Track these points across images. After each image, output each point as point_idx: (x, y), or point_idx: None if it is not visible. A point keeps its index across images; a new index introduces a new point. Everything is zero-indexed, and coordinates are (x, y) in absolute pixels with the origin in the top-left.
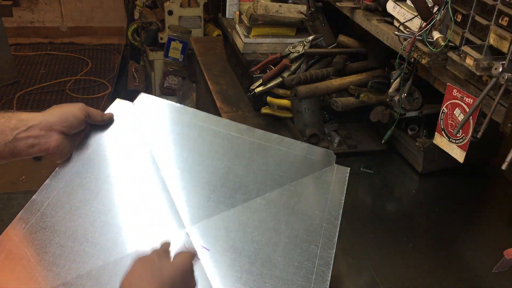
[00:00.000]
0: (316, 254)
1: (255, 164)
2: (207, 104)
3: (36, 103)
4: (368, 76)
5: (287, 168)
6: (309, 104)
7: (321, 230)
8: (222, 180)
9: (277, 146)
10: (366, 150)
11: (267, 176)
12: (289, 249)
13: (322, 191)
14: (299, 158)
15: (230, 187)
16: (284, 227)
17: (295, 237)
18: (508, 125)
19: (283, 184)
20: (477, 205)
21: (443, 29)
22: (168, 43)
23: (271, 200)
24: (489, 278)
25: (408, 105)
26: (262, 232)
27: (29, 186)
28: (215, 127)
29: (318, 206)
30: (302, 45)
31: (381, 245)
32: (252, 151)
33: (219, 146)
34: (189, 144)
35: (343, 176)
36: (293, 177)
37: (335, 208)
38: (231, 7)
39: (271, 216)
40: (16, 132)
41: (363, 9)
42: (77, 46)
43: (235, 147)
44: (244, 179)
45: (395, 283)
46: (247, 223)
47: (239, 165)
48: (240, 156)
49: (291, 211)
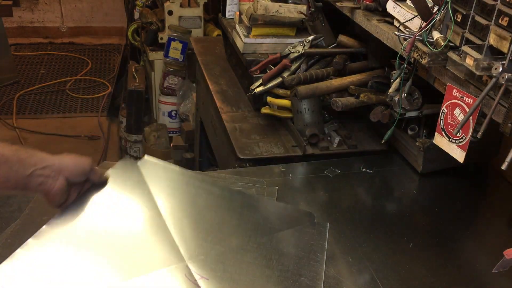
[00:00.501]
0: (307, 285)
1: (245, 217)
2: (207, 104)
3: (36, 103)
4: (368, 76)
5: (273, 221)
6: (309, 104)
7: (309, 266)
8: (217, 227)
9: (264, 205)
10: (366, 150)
11: (257, 226)
12: (282, 281)
13: (306, 238)
14: (283, 214)
15: (224, 233)
16: (275, 264)
17: (286, 271)
18: (508, 125)
19: (271, 233)
20: (477, 205)
21: (443, 29)
22: (168, 43)
23: (262, 243)
24: (489, 278)
25: (408, 105)
26: (256, 267)
27: None
28: (210, 187)
29: (303, 249)
30: (302, 45)
31: (381, 245)
32: (243, 208)
33: (213, 202)
34: (187, 200)
35: (324, 230)
36: (280, 228)
37: (318, 251)
38: (231, 7)
39: (263, 255)
40: (33, 168)
41: (363, 9)
42: (77, 46)
43: (227, 204)
44: (237, 228)
45: (395, 283)
46: (242, 260)
47: (231, 217)
48: (231, 210)
49: (281, 252)
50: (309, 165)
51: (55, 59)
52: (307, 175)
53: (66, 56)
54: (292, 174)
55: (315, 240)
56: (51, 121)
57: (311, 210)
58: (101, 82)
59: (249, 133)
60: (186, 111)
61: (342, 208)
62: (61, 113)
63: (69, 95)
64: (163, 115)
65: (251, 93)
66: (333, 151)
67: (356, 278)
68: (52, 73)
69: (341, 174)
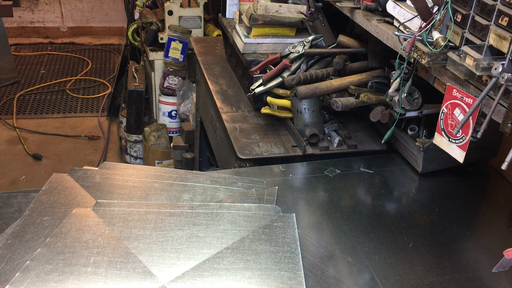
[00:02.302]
0: (288, 277)
1: (212, 227)
2: (207, 104)
3: (36, 103)
4: (368, 76)
5: (241, 224)
6: (309, 104)
7: (286, 259)
8: (186, 243)
9: (228, 211)
10: (366, 150)
11: (225, 233)
12: (263, 278)
13: (276, 232)
14: (249, 215)
15: (195, 246)
16: (253, 264)
17: (265, 269)
18: (508, 125)
19: (241, 236)
20: (477, 205)
21: (443, 29)
22: (168, 43)
23: (235, 247)
24: (489, 278)
25: (408, 105)
26: (235, 272)
27: (29, 186)
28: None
29: (276, 244)
30: (302, 45)
31: (381, 245)
32: (208, 219)
33: (176, 221)
34: (150, 225)
35: (291, 220)
36: (248, 230)
37: (291, 242)
38: (231, 7)
39: (239, 259)
40: None
41: (363, 9)
42: (77, 46)
43: (191, 220)
44: (206, 239)
45: (395, 283)
46: (219, 269)
47: (198, 231)
48: (197, 224)
49: (255, 252)
50: (309, 165)
51: (55, 59)
52: (307, 175)
53: (66, 56)
54: (292, 174)
55: (285, 232)
56: (51, 121)
57: (311, 210)
58: (101, 82)
59: (249, 133)
60: (186, 111)
61: (342, 208)
62: (61, 113)
63: (69, 95)
64: (163, 115)
65: (251, 93)
66: (333, 151)
67: (356, 278)
68: (52, 73)
69: (341, 174)
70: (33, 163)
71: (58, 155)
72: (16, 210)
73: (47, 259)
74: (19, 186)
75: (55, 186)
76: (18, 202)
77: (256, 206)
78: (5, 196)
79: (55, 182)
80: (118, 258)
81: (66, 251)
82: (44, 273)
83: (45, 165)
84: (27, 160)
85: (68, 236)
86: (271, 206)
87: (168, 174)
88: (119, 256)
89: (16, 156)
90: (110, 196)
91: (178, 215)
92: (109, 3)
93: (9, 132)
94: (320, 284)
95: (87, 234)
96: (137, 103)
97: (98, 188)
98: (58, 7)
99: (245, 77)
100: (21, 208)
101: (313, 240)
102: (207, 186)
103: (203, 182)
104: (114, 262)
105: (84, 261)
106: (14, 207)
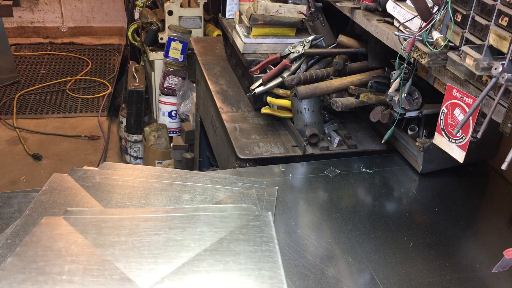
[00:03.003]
0: (269, 276)
1: (189, 230)
2: (207, 104)
3: (36, 103)
4: (368, 76)
5: (217, 225)
6: (309, 104)
7: (265, 258)
8: (163, 248)
9: (204, 213)
10: (366, 150)
11: (202, 235)
12: (244, 278)
13: (254, 232)
14: (225, 216)
15: (173, 250)
16: (233, 265)
17: (245, 269)
18: (508, 125)
19: (219, 237)
20: (477, 205)
21: (443, 29)
22: (168, 43)
23: (213, 249)
24: (489, 278)
25: (408, 105)
26: (215, 274)
27: (29, 186)
28: (145, 215)
29: (254, 243)
30: (302, 45)
31: (381, 245)
32: (184, 222)
33: (152, 226)
34: (125, 231)
35: (267, 219)
36: (225, 231)
37: (269, 241)
38: (231, 7)
39: (218, 261)
40: None
41: (363, 9)
42: (77, 46)
43: (166, 224)
44: (183, 241)
45: (395, 283)
46: (199, 271)
47: (175, 234)
48: (173, 228)
49: (234, 253)
50: (309, 165)
51: (55, 59)
52: (307, 175)
53: (66, 56)
54: (292, 174)
55: (262, 231)
56: (51, 121)
57: (311, 210)
58: (101, 82)
59: (249, 133)
60: (186, 111)
61: (342, 208)
62: (61, 113)
63: (69, 95)
64: (163, 115)
65: (251, 93)
66: (333, 151)
67: (356, 278)
68: (52, 73)
69: (341, 174)
70: (33, 163)
71: (58, 155)
72: (16, 210)
73: (19, 268)
74: (19, 186)
75: (55, 186)
76: (18, 202)
77: (232, 206)
78: (5, 196)
79: (55, 182)
80: (93, 265)
81: (38, 260)
82: (17, 282)
83: (45, 165)
84: (27, 160)
85: (39, 245)
86: (246, 205)
87: (168, 174)
88: (95, 264)
89: (16, 156)
90: (110, 196)
91: (153, 220)
92: (109, 3)
93: (9, 132)
94: (320, 284)
95: (59, 243)
96: (137, 103)
97: (98, 188)
98: (58, 7)
99: (245, 77)
100: (21, 208)
101: (313, 240)
102: (207, 186)
103: (203, 182)
104: (90, 269)
105: (58, 269)
106: (14, 207)
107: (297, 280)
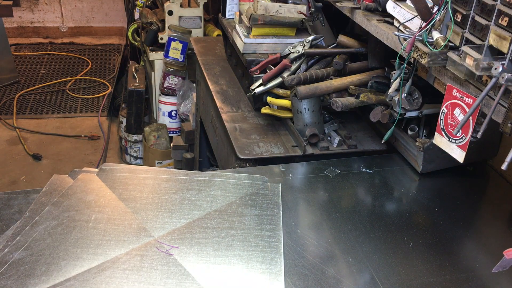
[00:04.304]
0: (268, 235)
1: (204, 192)
2: (207, 104)
3: (36, 103)
4: (368, 76)
5: (230, 191)
6: (309, 104)
7: (268, 221)
8: (179, 205)
9: (219, 179)
10: (366, 150)
11: (215, 198)
12: (246, 236)
13: (262, 199)
14: (238, 183)
15: (186, 208)
16: (237, 224)
17: (248, 228)
18: (508, 125)
19: (229, 201)
20: (477, 205)
21: (443, 29)
22: (168, 43)
23: (222, 210)
24: (489, 278)
25: (408, 105)
26: (220, 230)
27: (29, 186)
28: (167, 176)
29: (261, 209)
30: (302, 45)
31: (381, 245)
32: (200, 185)
33: (171, 186)
34: (147, 189)
35: (277, 189)
36: (236, 196)
37: (275, 207)
38: (231, 7)
39: (225, 220)
40: None
41: (363, 9)
42: (77, 46)
43: (185, 185)
44: (197, 201)
45: (395, 283)
46: (206, 227)
47: (190, 195)
48: (190, 189)
49: (241, 215)
50: (309, 165)
51: (55, 59)
52: (307, 175)
53: (66, 56)
54: (292, 174)
55: (270, 199)
56: (51, 121)
57: (311, 210)
58: (101, 82)
59: (249, 133)
60: (186, 111)
61: (342, 208)
62: (61, 113)
63: (69, 95)
64: (163, 115)
65: (251, 93)
66: (333, 151)
67: (356, 278)
68: (52, 73)
69: (341, 174)
70: (33, 163)
71: (58, 155)
72: (16, 211)
73: (54, 216)
74: (19, 186)
75: (55, 188)
76: (19, 204)
77: (246, 176)
78: (5, 198)
79: (55, 184)
80: (116, 215)
81: (71, 209)
82: (51, 227)
83: (45, 165)
84: (27, 160)
85: (74, 197)
86: (259, 176)
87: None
88: (118, 214)
89: (16, 156)
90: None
91: (173, 181)
92: (109, 3)
93: (9, 132)
94: (320, 284)
95: (90, 196)
96: (137, 103)
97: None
98: (58, 7)
99: (245, 77)
100: (21, 209)
101: (313, 240)
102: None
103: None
104: (113, 219)
105: (86, 218)
106: (14, 209)
107: (297, 280)
